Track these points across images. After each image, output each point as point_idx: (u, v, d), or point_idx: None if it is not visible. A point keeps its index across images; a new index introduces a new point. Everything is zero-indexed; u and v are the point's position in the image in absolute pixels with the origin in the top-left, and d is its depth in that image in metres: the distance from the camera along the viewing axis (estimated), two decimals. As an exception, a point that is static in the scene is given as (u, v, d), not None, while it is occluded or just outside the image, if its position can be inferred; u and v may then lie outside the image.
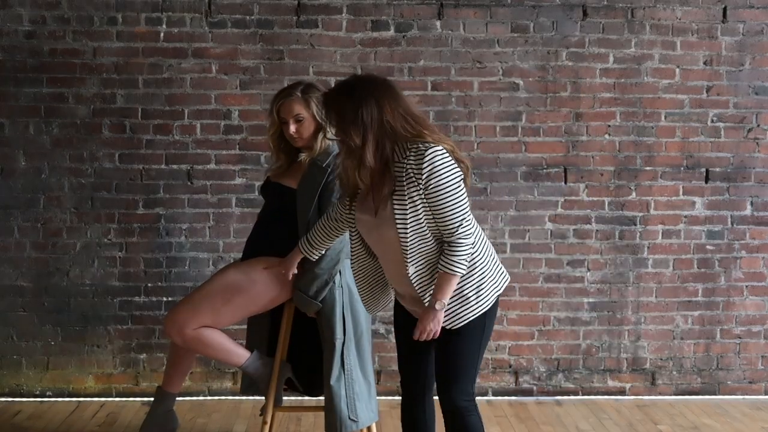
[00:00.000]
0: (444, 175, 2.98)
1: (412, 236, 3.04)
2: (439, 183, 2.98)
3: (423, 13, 4.93)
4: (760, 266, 5.10)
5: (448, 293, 3.05)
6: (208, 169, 4.93)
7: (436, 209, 3.01)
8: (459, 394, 3.15)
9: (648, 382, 5.10)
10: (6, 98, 4.86)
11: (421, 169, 2.97)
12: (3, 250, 4.91)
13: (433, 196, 2.99)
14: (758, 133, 5.06)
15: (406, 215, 3.02)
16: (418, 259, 3.08)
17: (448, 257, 3.02)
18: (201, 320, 3.72)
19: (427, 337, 3.08)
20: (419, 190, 2.99)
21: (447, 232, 3.03)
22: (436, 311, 3.05)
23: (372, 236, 3.18)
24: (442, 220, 3.01)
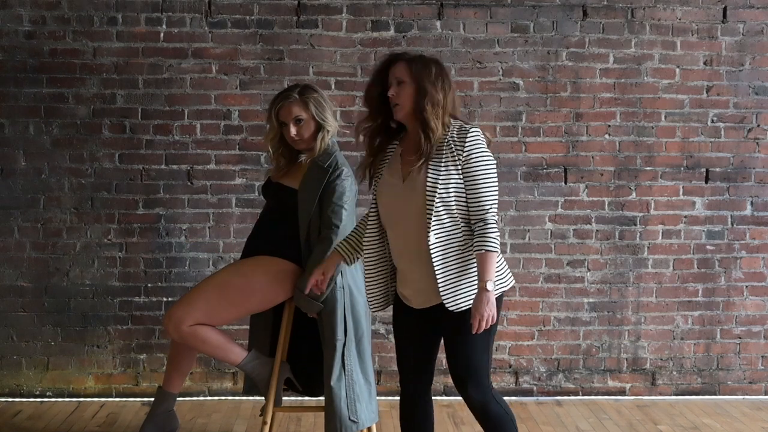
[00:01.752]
0: (483, 155, 3.14)
1: (438, 204, 3.11)
2: (478, 161, 3.13)
3: (423, 13, 4.93)
4: (760, 266, 5.10)
5: (492, 272, 3.09)
6: (208, 170, 4.93)
7: (471, 186, 3.12)
8: (475, 390, 3.19)
9: (648, 383, 5.10)
10: (6, 98, 4.86)
11: (464, 145, 3.13)
12: (3, 250, 4.91)
13: (470, 173, 3.12)
14: (758, 133, 5.06)
15: (437, 183, 3.11)
16: (440, 231, 3.12)
17: (484, 236, 3.10)
18: (197, 317, 3.72)
19: (486, 323, 3.07)
20: (456, 164, 3.12)
21: (480, 210, 3.12)
22: (487, 292, 3.07)
23: (395, 204, 3.21)
24: (476, 197, 3.12)
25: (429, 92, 3.18)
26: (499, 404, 3.23)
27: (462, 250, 3.14)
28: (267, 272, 3.77)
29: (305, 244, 3.80)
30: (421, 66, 3.22)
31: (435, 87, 3.19)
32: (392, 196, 3.22)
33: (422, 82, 3.19)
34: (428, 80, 3.20)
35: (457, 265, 3.14)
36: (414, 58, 3.25)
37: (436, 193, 3.11)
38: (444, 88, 3.23)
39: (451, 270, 3.13)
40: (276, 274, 3.78)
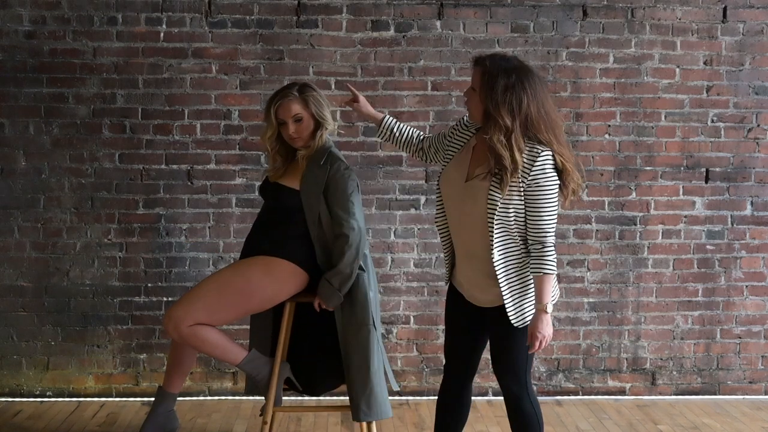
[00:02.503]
0: (549, 180, 3.11)
1: (498, 220, 3.14)
2: (543, 184, 3.11)
3: (423, 13, 4.93)
4: (760, 266, 5.10)
5: (549, 294, 3.18)
6: (208, 169, 4.93)
7: (532, 208, 3.13)
8: (514, 384, 3.30)
9: (648, 382, 5.11)
10: (6, 98, 4.86)
11: (532, 167, 3.10)
12: (3, 250, 4.91)
13: (533, 195, 3.12)
14: (758, 133, 5.06)
15: (496, 202, 3.12)
16: (502, 247, 3.17)
17: (542, 258, 3.15)
18: (197, 317, 3.72)
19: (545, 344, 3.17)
20: (520, 184, 3.11)
21: (539, 232, 3.14)
22: (546, 315, 3.16)
23: (454, 201, 3.26)
24: (536, 220, 3.14)
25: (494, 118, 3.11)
26: (532, 404, 3.33)
27: (520, 267, 3.22)
28: (267, 272, 3.77)
29: (318, 242, 3.80)
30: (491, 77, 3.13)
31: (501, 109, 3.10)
32: (453, 190, 3.27)
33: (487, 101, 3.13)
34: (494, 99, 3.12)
35: (517, 282, 3.22)
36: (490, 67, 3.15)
37: (495, 210, 3.14)
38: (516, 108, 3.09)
39: (515, 286, 3.22)
40: (276, 274, 3.78)
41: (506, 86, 3.10)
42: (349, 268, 3.74)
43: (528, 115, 3.12)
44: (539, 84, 3.17)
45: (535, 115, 3.13)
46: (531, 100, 3.12)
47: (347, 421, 4.56)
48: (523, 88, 3.11)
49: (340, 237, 3.75)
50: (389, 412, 3.90)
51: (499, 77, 3.12)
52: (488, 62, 3.17)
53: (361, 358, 3.80)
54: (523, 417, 3.33)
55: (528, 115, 3.12)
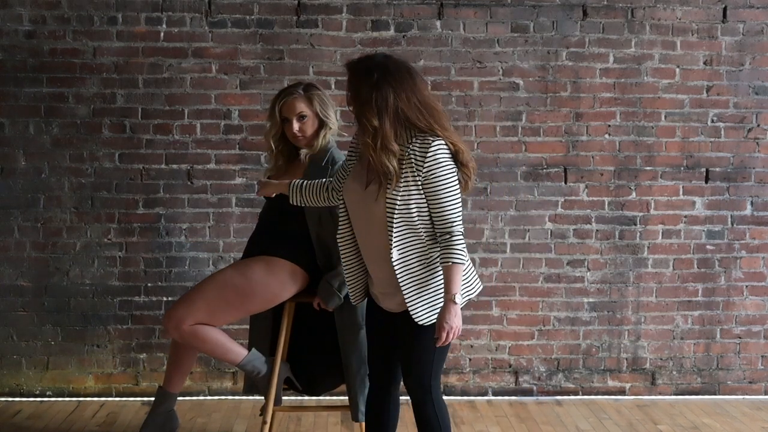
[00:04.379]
0: (445, 169, 3.05)
1: (399, 219, 3.08)
2: (439, 175, 3.05)
3: (423, 13, 4.93)
4: (760, 266, 5.10)
5: (459, 284, 3.08)
6: (208, 169, 4.93)
7: (433, 200, 3.07)
8: (416, 386, 3.23)
9: (648, 382, 5.11)
10: (6, 98, 4.86)
11: (425, 159, 3.04)
12: (3, 249, 4.91)
13: (432, 186, 3.06)
14: (758, 133, 5.06)
15: (396, 200, 3.06)
16: (403, 245, 3.11)
17: (450, 248, 3.07)
18: (197, 317, 3.72)
19: (453, 335, 3.07)
20: (416, 178, 3.05)
21: (445, 223, 3.08)
22: (454, 305, 3.06)
23: (358, 210, 3.20)
24: (440, 211, 3.07)
25: (362, 122, 3.08)
26: (434, 409, 3.23)
27: (426, 263, 3.13)
28: (268, 272, 3.77)
29: (318, 243, 3.80)
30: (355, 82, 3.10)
31: (367, 112, 3.06)
32: (356, 200, 3.21)
33: (355, 105, 3.10)
34: (359, 102, 3.08)
35: (421, 278, 3.14)
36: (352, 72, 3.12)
37: (395, 210, 3.07)
38: (383, 106, 3.04)
39: (415, 284, 3.13)
40: (277, 275, 3.78)
41: (370, 86, 3.05)
42: None
43: (399, 110, 3.05)
44: (408, 75, 3.09)
45: (408, 108, 3.06)
46: (399, 93, 3.05)
47: (347, 421, 4.56)
48: (387, 83, 3.05)
49: None
50: None
51: (361, 79, 3.07)
52: (350, 68, 3.14)
53: (360, 359, 3.80)
54: (424, 423, 3.24)
55: (399, 110, 3.05)
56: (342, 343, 3.83)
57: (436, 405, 3.24)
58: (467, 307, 4.98)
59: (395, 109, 3.05)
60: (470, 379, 5.06)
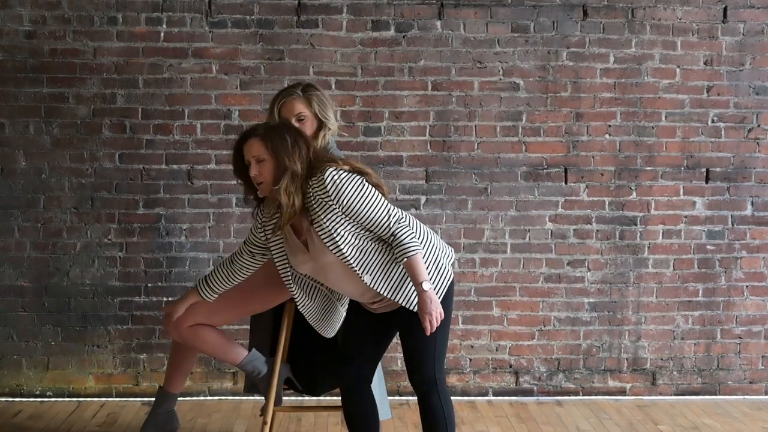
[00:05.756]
0: (351, 188, 3.13)
1: (351, 251, 3.16)
2: (351, 198, 3.13)
3: (423, 13, 4.93)
4: (761, 266, 5.10)
5: (423, 272, 3.13)
6: (209, 169, 4.93)
7: (362, 220, 3.15)
8: (420, 379, 3.29)
9: (648, 383, 5.10)
10: (6, 98, 4.86)
11: (328, 193, 3.12)
12: (3, 250, 4.91)
13: (353, 211, 3.14)
14: (759, 133, 5.06)
15: (334, 238, 3.14)
16: (369, 267, 3.19)
17: (400, 246, 3.14)
18: (197, 317, 3.72)
19: (436, 320, 3.12)
20: (336, 212, 3.14)
21: (384, 229, 3.16)
22: (427, 293, 3.11)
23: (316, 271, 3.28)
24: (374, 223, 3.16)
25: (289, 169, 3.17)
26: (440, 400, 3.29)
27: (389, 264, 3.21)
28: (267, 273, 3.77)
29: None
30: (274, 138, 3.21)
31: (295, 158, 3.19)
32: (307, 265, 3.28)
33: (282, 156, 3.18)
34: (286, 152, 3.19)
35: (396, 276, 3.21)
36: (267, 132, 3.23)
37: (341, 248, 3.15)
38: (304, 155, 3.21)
39: (394, 281, 3.21)
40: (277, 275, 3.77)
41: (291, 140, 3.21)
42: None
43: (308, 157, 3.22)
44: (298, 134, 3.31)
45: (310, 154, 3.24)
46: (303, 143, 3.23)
47: (347, 421, 4.56)
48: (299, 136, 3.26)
49: None
50: (388, 413, 3.90)
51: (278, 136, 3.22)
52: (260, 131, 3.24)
53: None
54: (431, 412, 3.29)
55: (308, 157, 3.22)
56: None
57: (442, 397, 3.29)
58: (467, 306, 4.99)
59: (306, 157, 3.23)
60: (471, 380, 5.06)
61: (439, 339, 3.26)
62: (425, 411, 3.31)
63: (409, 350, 3.31)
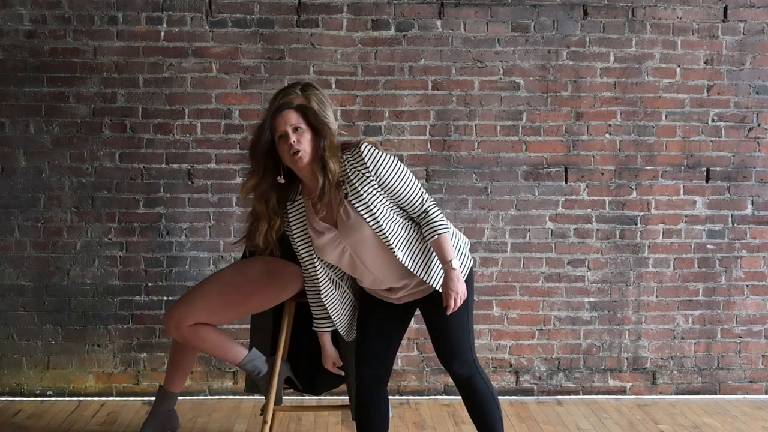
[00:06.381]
0: (387, 162, 3.19)
1: (386, 225, 3.17)
2: (389, 170, 3.17)
3: (423, 13, 4.93)
4: (761, 265, 5.10)
5: (452, 251, 3.18)
6: (209, 169, 4.93)
7: (397, 193, 3.19)
8: (461, 365, 3.30)
9: (649, 382, 5.10)
10: (6, 97, 4.86)
11: (366, 165, 3.16)
12: (3, 249, 4.91)
13: (389, 183, 3.18)
14: (759, 133, 5.06)
15: (371, 209, 3.16)
16: (401, 242, 3.20)
17: (431, 223, 3.20)
18: (197, 316, 3.72)
19: (460, 299, 3.15)
20: (373, 184, 3.16)
21: (417, 206, 3.21)
22: (453, 270, 3.16)
23: (343, 252, 3.26)
24: (407, 199, 3.20)
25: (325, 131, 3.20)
26: (483, 380, 3.33)
27: (419, 243, 3.25)
28: (268, 272, 3.77)
29: None
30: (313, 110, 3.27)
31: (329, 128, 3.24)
32: (335, 246, 3.26)
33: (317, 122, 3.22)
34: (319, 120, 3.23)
35: (423, 256, 3.24)
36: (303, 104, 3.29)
37: (379, 220, 3.16)
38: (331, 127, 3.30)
39: (423, 260, 3.23)
40: (277, 274, 3.77)
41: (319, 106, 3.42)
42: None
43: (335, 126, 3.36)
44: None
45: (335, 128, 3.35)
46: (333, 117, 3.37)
47: (348, 420, 4.56)
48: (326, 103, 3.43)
49: None
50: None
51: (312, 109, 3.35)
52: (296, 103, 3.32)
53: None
54: (479, 394, 3.31)
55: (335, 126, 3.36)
56: (342, 343, 3.83)
57: (484, 377, 3.34)
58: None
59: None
60: (471, 379, 5.05)
61: (471, 321, 3.31)
62: (472, 395, 3.32)
63: (443, 337, 3.31)
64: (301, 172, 3.23)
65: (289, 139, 3.16)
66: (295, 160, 3.16)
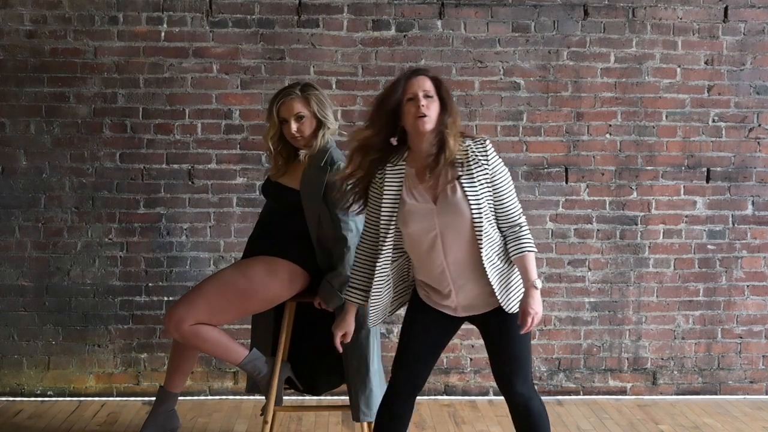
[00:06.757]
0: (502, 165, 3.26)
1: (485, 220, 3.17)
2: (502, 172, 3.23)
3: (424, 13, 4.93)
4: (761, 266, 5.10)
5: (535, 271, 3.20)
6: (209, 169, 4.93)
7: (502, 196, 3.21)
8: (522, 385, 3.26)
9: (649, 382, 5.10)
10: (7, 98, 4.86)
11: (488, 157, 3.20)
12: (4, 249, 4.91)
13: (499, 182, 3.21)
14: (759, 133, 5.06)
15: (478, 196, 3.16)
16: (489, 245, 3.20)
17: (522, 238, 3.22)
18: (198, 316, 3.72)
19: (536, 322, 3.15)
20: (486, 176, 3.18)
21: (512, 215, 3.24)
22: (535, 291, 3.16)
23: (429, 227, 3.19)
24: (507, 206, 3.23)
25: (452, 109, 3.21)
26: (541, 402, 3.30)
27: (501, 255, 3.24)
28: (269, 272, 3.77)
29: (318, 244, 3.80)
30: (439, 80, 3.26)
31: (454, 104, 3.26)
32: (425, 220, 3.20)
33: (447, 98, 3.22)
34: (449, 96, 3.24)
35: (502, 270, 3.23)
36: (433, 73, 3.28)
37: (480, 208, 3.16)
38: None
39: (501, 276, 3.22)
40: (278, 274, 3.77)
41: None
42: (349, 270, 3.73)
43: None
44: None
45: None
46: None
47: (348, 420, 4.56)
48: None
49: (339, 239, 3.75)
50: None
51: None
52: (431, 73, 3.27)
53: (361, 358, 3.80)
54: (535, 415, 3.26)
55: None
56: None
57: (540, 400, 3.30)
58: (468, 306, 4.98)
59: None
60: (471, 379, 5.06)
61: (529, 344, 3.30)
62: (528, 417, 3.26)
63: (508, 356, 3.26)
64: (418, 137, 3.21)
65: (418, 102, 3.17)
66: (419, 123, 3.17)
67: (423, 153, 3.22)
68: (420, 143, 3.22)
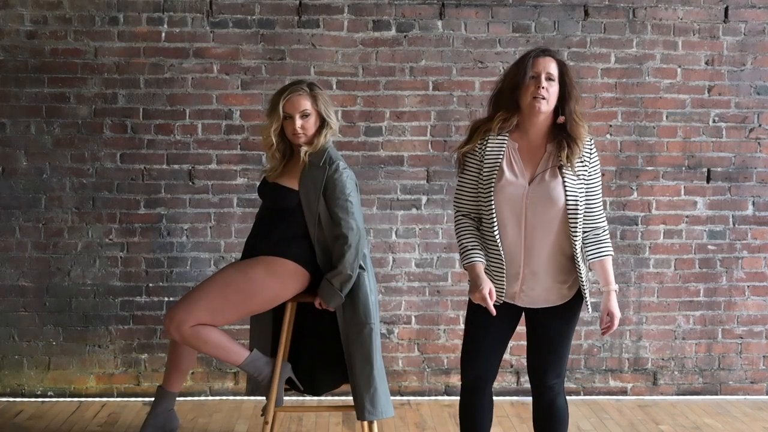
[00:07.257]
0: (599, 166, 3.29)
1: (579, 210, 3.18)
2: (599, 173, 3.26)
3: (424, 13, 4.93)
4: (762, 266, 5.10)
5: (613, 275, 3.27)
6: (210, 169, 4.93)
7: (593, 193, 3.23)
8: (556, 379, 3.31)
9: (649, 382, 5.10)
10: (7, 98, 4.86)
11: (591, 153, 3.23)
12: (4, 250, 4.91)
13: (594, 180, 3.24)
14: (760, 133, 5.06)
15: (575, 188, 3.18)
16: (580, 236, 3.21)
17: (602, 242, 3.27)
18: (198, 317, 3.72)
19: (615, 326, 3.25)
20: (585, 172, 3.21)
21: (597, 218, 3.26)
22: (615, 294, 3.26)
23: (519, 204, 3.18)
24: (595, 206, 3.25)
25: (576, 95, 3.23)
26: (566, 401, 3.36)
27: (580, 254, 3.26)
28: (269, 272, 3.77)
29: (318, 243, 3.80)
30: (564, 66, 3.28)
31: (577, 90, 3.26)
32: (516, 196, 3.19)
33: (570, 84, 3.23)
34: (572, 82, 3.25)
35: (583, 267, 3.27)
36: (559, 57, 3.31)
37: (577, 201, 3.18)
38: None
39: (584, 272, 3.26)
40: (278, 274, 3.78)
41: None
42: (350, 268, 3.73)
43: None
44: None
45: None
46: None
47: (348, 421, 4.56)
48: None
49: (339, 238, 3.75)
50: (391, 411, 3.90)
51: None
52: (557, 53, 3.35)
53: (364, 357, 3.80)
54: (557, 413, 3.32)
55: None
56: (345, 343, 3.83)
57: (566, 399, 3.36)
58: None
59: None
60: (472, 380, 5.05)
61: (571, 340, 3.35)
62: (552, 413, 3.32)
63: (550, 348, 3.30)
64: (532, 117, 3.21)
65: (540, 82, 3.18)
66: (535, 103, 3.17)
67: (531, 132, 3.23)
68: (531, 122, 3.23)
